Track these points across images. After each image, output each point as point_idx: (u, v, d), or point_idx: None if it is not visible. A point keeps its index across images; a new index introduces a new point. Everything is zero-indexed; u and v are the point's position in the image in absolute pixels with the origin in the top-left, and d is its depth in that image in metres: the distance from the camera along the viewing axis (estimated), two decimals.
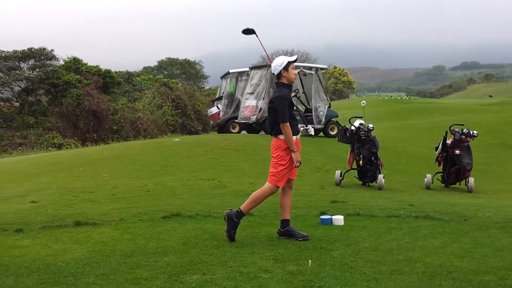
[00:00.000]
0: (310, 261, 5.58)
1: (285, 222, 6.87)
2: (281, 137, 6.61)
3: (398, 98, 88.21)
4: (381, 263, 5.53)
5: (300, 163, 6.69)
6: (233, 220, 6.67)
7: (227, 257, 5.82)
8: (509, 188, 15.15)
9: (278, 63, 6.75)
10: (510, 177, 17.24)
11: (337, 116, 24.76)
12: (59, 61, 38.55)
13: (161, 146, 18.91)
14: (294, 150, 6.56)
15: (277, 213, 8.26)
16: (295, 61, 6.90)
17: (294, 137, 6.60)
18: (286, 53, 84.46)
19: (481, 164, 18.03)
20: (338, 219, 7.87)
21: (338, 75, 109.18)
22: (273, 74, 6.93)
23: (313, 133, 7.15)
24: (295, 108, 6.78)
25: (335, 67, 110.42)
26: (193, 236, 6.88)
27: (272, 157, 6.80)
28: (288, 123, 6.48)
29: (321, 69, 25.67)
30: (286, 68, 6.73)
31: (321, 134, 24.24)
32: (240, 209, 6.74)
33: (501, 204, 10.59)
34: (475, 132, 14.07)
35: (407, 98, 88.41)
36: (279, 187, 6.71)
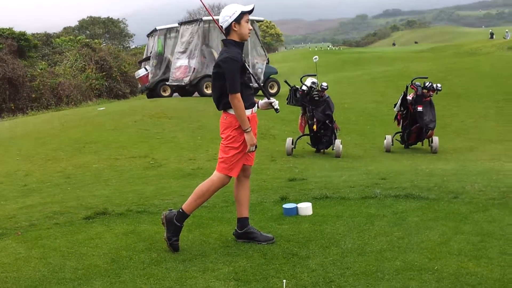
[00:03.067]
0: (284, 281, 4.11)
1: (242, 221, 5.38)
2: (232, 112, 5.04)
3: (328, 48, 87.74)
4: (378, 278, 4.17)
5: (256, 147, 5.19)
6: (174, 224, 5.11)
7: (171, 280, 4.32)
8: (472, 145, 14.14)
9: (228, 13, 5.08)
10: (469, 131, 16.28)
11: (276, 73, 23.11)
12: None
13: (83, 117, 16.75)
14: (248, 130, 5.03)
15: (229, 202, 6.73)
16: (251, 11, 5.14)
17: (248, 112, 5.08)
18: (212, 7, 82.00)
19: (436, 117, 16.91)
20: (306, 208, 6.42)
21: (266, 27, 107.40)
22: (221, 27, 5.18)
23: (278, 107, 5.41)
24: (248, 72, 5.24)
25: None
26: (125, 247, 5.21)
27: (222, 138, 5.21)
28: (239, 94, 4.95)
29: (257, 21, 23.60)
30: (238, 20, 5.06)
31: (260, 92, 22.57)
32: (181, 209, 5.19)
33: (480, 169, 9.39)
34: (439, 85, 12.73)
35: (336, 48, 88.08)
36: (231, 177, 5.20)
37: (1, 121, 22.60)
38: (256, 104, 5.30)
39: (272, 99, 5.40)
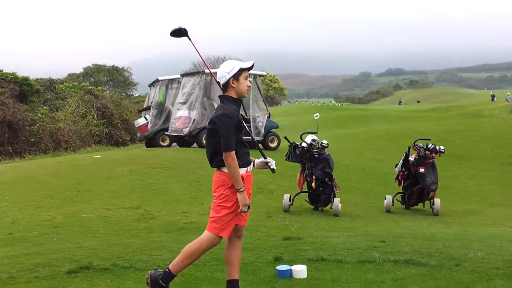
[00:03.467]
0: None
1: (232, 284, 5.02)
2: (226, 170, 4.79)
3: (331, 104, 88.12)
4: None
5: (249, 207, 4.89)
6: (159, 284, 4.85)
7: None
8: (474, 208, 13.77)
9: (226, 69, 4.87)
10: (471, 193, 15.95)
11: (277, 127, 22.87)
12: None
13: (78, 165, 16.39)
14: (241, 190, 4.76)
15: (220, 260, 6.31)
16: (250, 68, 4.90)
17: (243, 171, 4.83)
18: (217, 60, 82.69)
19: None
20: (300, 271, 6.01)
21: (269, 81, 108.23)
22: (218, 83, 4.95)
23: (274, 168, 5.10)
24: (244, 127, 5.01)
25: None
26: None
27: (214, 196, 4.91)
28: (233, 152, 4.72)
29: (260, 76, 23.58)
30: (236, 76, 4.84)
31: (260, 146, 22.29)
32: (168, 269, 4.92)
33: (483, 234, 8.98)
34: (442, 147, 12.49)
35: (338, 104, 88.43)
36: (222, 237, 4.91)
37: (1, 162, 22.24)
38: (252, 163, 5.03)
39: (269, 159, 5.14)
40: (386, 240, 8.03)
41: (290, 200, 11.64)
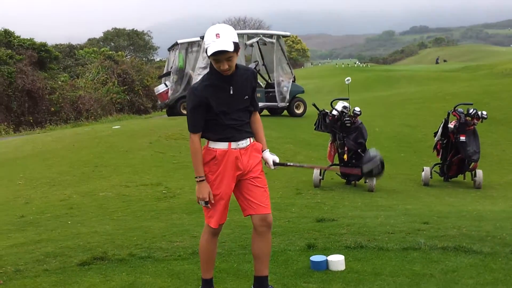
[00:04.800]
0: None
1: (261, 281, 4.38)
2: (213, 146, 4.19)
3: (356, 65, 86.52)
4: None
5: (206, 203, 4.16)
6: None
7: None
8: None
9: (205, 38, 4.01)
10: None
11: (303, 92, 21.96)
12: None
13: (96, 137, 15.81)
14: (200, 179, 4.13)
15: (247, 248, 5.72)
16: (214, 54, 3.95)
17: (221, 145, 4.13)
18: (238, 21, 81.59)
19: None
20: (337, 262, 5.31)
21: (291, 42, 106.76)
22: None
23: (272, 167, 4.37)
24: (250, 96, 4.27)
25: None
26: None
27: None
28: (195, 135, 4.13)
29: (283, 36, 22.44)
30: (207, 52, 3.97)
31: (285, 113, 21.50)
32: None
33: None
34: (484, 112, 11.52)
35: (363, 65, 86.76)
36: (212, 227, 4.26)
37: (13, 138, 21.78)
38: (263, 151, 4.39)
39: (271, 162, 4.41)
40: (429, 221, 7.24)
41: (320, 174, 10.83)
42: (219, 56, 3.88)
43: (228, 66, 3.94)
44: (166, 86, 22.59)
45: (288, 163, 4.72)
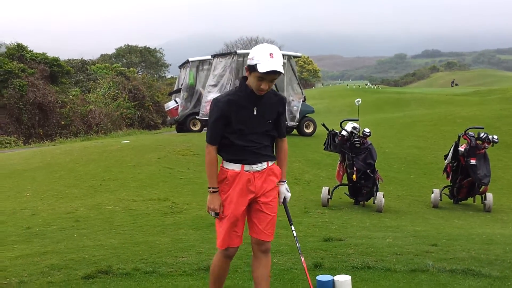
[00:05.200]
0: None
1: None
2: (226, 166, 4.16)
3: (367, 87, 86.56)
4: None
5: (217, 214, 4.15)
6: None
7: None
8: None
9: (250, 54, 3.98)
10: None
11: (313, 112, 21.95)
12: (0, 47, 35.01)
13: (105, 151, 15.80)
14: (211, 190, 4.14)
15: None
16: (266, 73, 3.90)
17: (234, 166, 4.09)
18: (250, 41, 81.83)
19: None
20: (344, 282, 5.14)
21: (303, 63, 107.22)
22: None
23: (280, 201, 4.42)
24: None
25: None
26: None
27: None
28: (212, 146, 4.10)
29: (294, 57, 22.54)
30: (250, 69, 3.96)
31: (295, 132, 21.46)
32: None
33: None
34: (495, 136, 11.43)
35: (374, 87, 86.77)
36: (225, 250, 4.23)
37: (22, 150, 21.84)
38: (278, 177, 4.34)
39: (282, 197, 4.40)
40: (438, 244, 7.17)
41: (328, 194, 10.76)
42: (269, 76, 3.86)
43: (268, 87, 3.94)
44: (176, 102, 22.66)
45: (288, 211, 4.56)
